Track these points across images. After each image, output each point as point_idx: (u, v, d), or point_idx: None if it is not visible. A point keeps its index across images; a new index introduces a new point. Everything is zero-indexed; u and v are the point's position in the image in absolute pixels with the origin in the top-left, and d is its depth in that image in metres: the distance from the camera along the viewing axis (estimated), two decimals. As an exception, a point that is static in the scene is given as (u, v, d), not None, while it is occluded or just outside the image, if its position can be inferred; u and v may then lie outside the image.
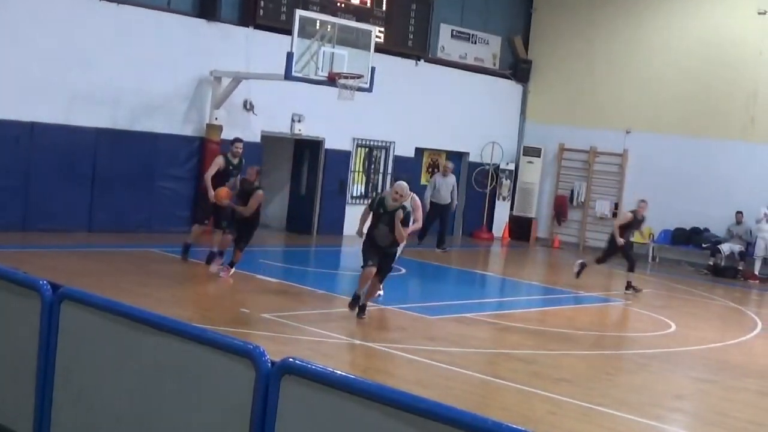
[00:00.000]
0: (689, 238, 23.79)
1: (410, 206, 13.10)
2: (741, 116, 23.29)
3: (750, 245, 22.61)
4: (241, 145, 16.23)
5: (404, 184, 12.43)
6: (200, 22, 19.52)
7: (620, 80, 25.22)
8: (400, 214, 12.29)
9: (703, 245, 23.34)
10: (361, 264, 12.68)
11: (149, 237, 18.23)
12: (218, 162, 15.86)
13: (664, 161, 24.26)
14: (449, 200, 22.32)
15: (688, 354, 13.15)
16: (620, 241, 17.62)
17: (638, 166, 24.83)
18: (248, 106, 20.35)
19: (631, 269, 17.95)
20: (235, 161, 15.96)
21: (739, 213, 22.69)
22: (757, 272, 22.23)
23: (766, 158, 22.68)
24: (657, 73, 24.59)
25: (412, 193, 13.87)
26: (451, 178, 22.63)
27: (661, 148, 24.33)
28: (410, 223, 13.04)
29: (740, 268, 22.54)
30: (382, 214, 12.35)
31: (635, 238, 24.41)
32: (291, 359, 4.52)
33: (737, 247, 22.64)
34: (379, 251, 12.49)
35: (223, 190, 14.86)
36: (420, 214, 14.20)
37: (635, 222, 18.02)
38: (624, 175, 25.19)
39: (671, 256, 24.01)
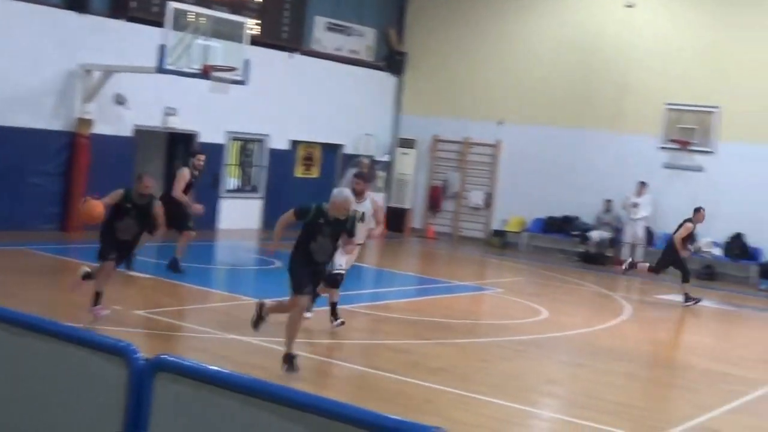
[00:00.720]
0: (561, 226, 24.30)
1: (366, 208, 12.19)
2: (610, 107, 23.91)
3: (619, 232, 23.28)
4: (203, 157, 15.71)
5: (347, 192, 10.46)
6: (69, 14, 19.04)
7: (493, 72, 25.60)
8: (362, 229, 11.71)
9: (573, 233, 23.91)
10: (293, 289, 10.19)
11: (17, 235, 17.68)
12: (185, 176, 15.11)
13: (537, 151, 24.74)
14: None
15: (560, 339, 13.48)
16: (684, 253, 17.51)
17: (511, 156, 25.26)
18: (120, 100, 19.94)
19: (685, 280, 17.59)
20: (195, 173, 15.37)
21: (608, 201, 23.33)
22: (625, 258, 22.90)
23: (634, 148, 23.35)
24: (529, 64, 25.06)
25: (371, 193, 12.78)
26: None
27: (534, 139, 24.81)
28: (367, 230, 12.48)
29: (609, 254, 23.18)
30: (323, 224, 10.08)
31: (510, 227, 24.99)
32: (164, 356, 4.47)
33: (606, 235, 23.27)
34: (313, 269, 10.28)
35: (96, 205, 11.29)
36: (382, 216, 12.88)
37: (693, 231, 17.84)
38: (497, 166, 25.61)
39: (543, 245, 24.52)
